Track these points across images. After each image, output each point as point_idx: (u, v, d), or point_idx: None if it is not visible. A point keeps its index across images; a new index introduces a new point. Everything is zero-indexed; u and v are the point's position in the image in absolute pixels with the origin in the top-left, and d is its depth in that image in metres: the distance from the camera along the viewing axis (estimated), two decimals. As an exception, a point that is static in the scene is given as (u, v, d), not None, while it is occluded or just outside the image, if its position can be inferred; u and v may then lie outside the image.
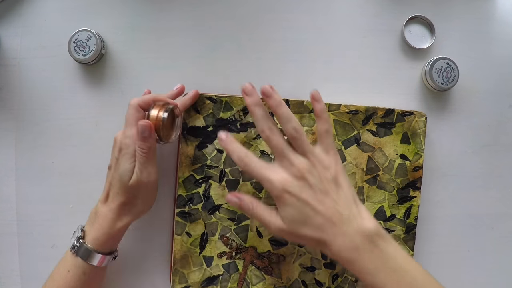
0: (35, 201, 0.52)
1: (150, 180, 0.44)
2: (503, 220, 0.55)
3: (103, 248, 0.44)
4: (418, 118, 0.52)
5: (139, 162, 0.43)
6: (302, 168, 0.41)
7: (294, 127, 0.42)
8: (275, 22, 0.54)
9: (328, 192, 0.41)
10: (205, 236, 0.51)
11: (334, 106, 0.51)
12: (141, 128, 0.43)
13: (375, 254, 0.40)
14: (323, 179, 0.41)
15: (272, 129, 0.42)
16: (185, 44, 0.53)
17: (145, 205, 0.46)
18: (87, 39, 0.50)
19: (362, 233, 0.40)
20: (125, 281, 0.52)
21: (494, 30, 0.55)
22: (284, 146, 0.42)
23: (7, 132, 0.53)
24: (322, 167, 0.41)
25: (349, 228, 0.40)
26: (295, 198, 0.40)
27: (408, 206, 0.52)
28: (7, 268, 0.52)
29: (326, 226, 0.40)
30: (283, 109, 0.42)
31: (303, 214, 0.40)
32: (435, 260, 0.54)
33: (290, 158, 0.41)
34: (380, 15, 0.54)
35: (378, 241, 0.40)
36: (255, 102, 0.42)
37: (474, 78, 0.55)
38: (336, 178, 0.42)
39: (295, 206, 0.40)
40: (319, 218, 0.40)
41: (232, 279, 0.51)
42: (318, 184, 0.41)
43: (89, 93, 0.53)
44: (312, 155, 0.42)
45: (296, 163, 0.41)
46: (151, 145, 0.43)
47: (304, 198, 0.40)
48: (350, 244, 0.40)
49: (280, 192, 0.41)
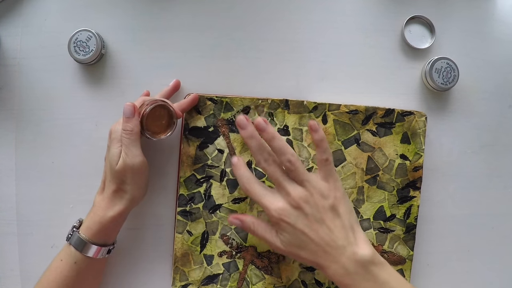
0: (35, 201, 0.52)
1: (135, 163, 0.44)
2: (503, 220, 0.55)
3: (96, 238, 0.45)
4: (418, 118, 0.52)
5: (124, 145, 0.44)
6: (298, 197, 0.42)
7: (288, 160, 0.43)
8: (275, 22, 0.54)
9: (323, 221, 0.42)
10: (205, 235, 0.51)
11: (334, 106, 0.51)
12: (125, 108, 0.44)
13: (369, 281, 0.41)
14: (319, 207, 0.42)
15: (267, 160, 0.44)
16: (185, 44, 0.53)
17: (134, 191, 0.45)
18: (87, 39, 0.50)
19: (356, 261, 0.41)
20: (126, 278, 0.52)
21: (494, 30, 0.55)
22: (280, 176, 0.43)
23: (7, 132, 0.53)
24: (320, 195, 0.43)
25: (343, 256, 0.41)
26: (291, 226, 0.42)
27: (408, 206, 0.52)
28: (7, 268, 0.52)
29: (321, 252, 0.42)
30: (277, 142, 0.43)
31: (299, 240, 0.42)
32: (435, 260, 0.54)
33: (286, 187, 0.43)
34: (380, 15, 0.54)
35: (372, 268, 0.41)
36: (250, 134, 0.44)
37: (474, 78, 0.55)
38: (334, 206, 0.43)
39: (291, 233, 0.42)
40: (314, 245, 0.42)
41: (232, 278, 0.51)
42: (314, 213, 0.42)
43: (89, 93, 0.53)
44: (309, 184, 0.43)
45: (292, 193, 0.43)
46: (134, 127, 0.44)
47: (299, 227, 0.42)
48: (344, 271, 0.41)
49: (277, 220, 0.42)
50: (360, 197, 0.51)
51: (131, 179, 0.44)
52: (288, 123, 0.51)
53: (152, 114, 0.45)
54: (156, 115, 0.46)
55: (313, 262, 0.42)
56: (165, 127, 0.47)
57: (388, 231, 0.51)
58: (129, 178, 0.44)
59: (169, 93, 0.51)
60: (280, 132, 0.51)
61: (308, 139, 0.51)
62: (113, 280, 0.52)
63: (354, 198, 0.51)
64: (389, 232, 0.51)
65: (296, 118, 0.51)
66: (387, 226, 0.51)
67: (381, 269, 0.42)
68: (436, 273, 0.54)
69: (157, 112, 0.46)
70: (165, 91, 0.51)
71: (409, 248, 0.51)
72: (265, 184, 0.45)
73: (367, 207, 0.51)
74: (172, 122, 0.47)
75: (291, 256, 0.44)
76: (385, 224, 0.51)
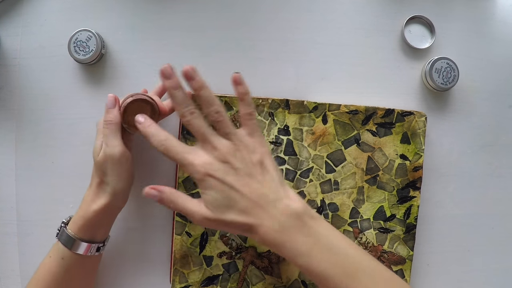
0: (35, 201, 0.52)
1: (114, 153, 0.43)
2: (503, 220, 0.55)
3: (81, 233, 0.44)
4: (418, 118, 0.52)
5: (104, 135, 0.44)
6: (226, 151, 0.40)
7: (216, 110, 0.40)
8: (275, 22, 0.54)
9: (253, 175, 0.40)
10: (205, 236, 0.51)
11: (334, 106, 0.51)
12: (107, 99, 0.44)
13: (306, 234, 0.38)
14: (248, 162, 0.40)
15: (193, 113, 0.40)
16: (185, 44, 0.53)
17: (116, 183, 0.44)
18: (87, 39, 0.50)
19: (291, 214, 0.39)
20: (125, 280, 0.52)
21: (494, 30, 0.55)
22: (206, 129, 0.40)
23: (7, 132, 0.53)
24: (247, 150, 0.40)
25: (276, 210, 0.39)
26: (219, 182, 0.39)
27: (408, 206, 0.52)
28: (7, 268, 0.52)
29: (253, 209, 0.39)
30: (205, 91, 0.41)
31: (227, 198, 0.39)
32: (435, 260, 0.54)
33: (212, 141, 0.40)
34: (380, 15, 0.54)
35: (307, 220, 0.39)
36: (175, 85, 0.40)
37: (474, 78, 0.55)
38: (262, 161, 0.41)
39: (219, 190, 0.39)
40: (245, 201, 0.39)
41: (232, 278, 0.51)
42: (243, 167, 0.39)
43: (89, 93, 0.53)
44: (236, 138, 0.40)
45: (219, 146, 0.40)
46: (114, 117, 0.44)
47: (229, 181, 0.39)
48: (278, 226, 0.38)
49: (203, 176, 0.39)
50: (360, 197, 0.51)
51: (111, 170, 0.43)
52: (289, 123, 0.51)
53: (133, 107, 0.44)
54: (138, 109, 0.44)
55: (243, 224, 0.39)
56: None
57: (388, 231, 0.51)
58: (109, 169, 0.43)
59: (162, 90, 0.51)
60: (280, 132, 0.51)
61: (309, 139, 0.51)
62: (112, 282, 0.52)
63: (354, 198, 0.51)
64: (389, 232, 0.51)
65: (296, 118, 0.51)
66: (387, 226, 0.51)
67: (317, 222, 0.39)
68: (436, 273, 0.54)
69: (140, 107, 0.44)
70: (157, 87, 0.51)
71: (409, 248, 0.51)
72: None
73: (367, 207, 0.51)
74: (154, 118, 0.45)
75: (218, 226, 0.40)
76: (385, 224, 0.51)
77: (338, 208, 0.51)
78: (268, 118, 0.51)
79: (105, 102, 0.45)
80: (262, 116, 0.51)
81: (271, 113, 0.51)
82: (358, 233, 0.51)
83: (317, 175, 0.51)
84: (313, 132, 0.51)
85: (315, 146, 0.51)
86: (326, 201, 0.51)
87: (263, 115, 0.51)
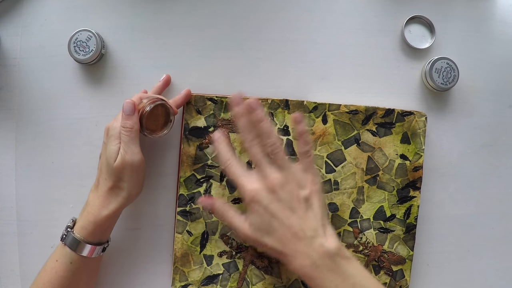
0: (35, 201, 0.52)
1: (134, 160, 0.44)
2: (503, 220, 0.55)
3: (91, 237, 0.44)
4: (418, 118, 0.52)
5: (123, 142, 0.44)
6: (275, 182, 0.42)
7: (273, 143, 0.43)
8: (275, 22, 0.54)
9: (296, 209, 0.42)
10: (205, 235, 0.51)
11: (334, 106, 0.51)
12: (125, 106, 0.44)
13: (335, 273, 0.40)
14: (294, 196, 0.42)
15: (253, 140, 0.43)
16: (185, 44, 0.53)
17: (131, 189, 0.45)
18: (87, 39, 0.50)
19: (323, 252, 0.41)
20: (125, 278, 0.52)
21: (494, 30, 0.55)
22: (261, 158, 0.43)
23: (7, 132, 0.53)
24: (296, 184, 0.43)
25: (310, 248, 0.41)
26: (263, 209, 0.42)
27: (408, 206, 0.52)
28: (7, 268, 0.52)
29: (288, 240, 0.41)
30: (265, 124, 0.43)
31: (268, 225, 0.42)
32: (435, 260, 0.54)
33: (265, 170, 0.43)
34: (380, 15, 0.54)
35: (338, 260, 0.41)
36: (242, 113, 0.44)
37: (474, 78, 0.55)
38: (308, 198, 0.43)
39: (262, 216, 0.42)
40: (282, 232, 0.41)
41: (232, 278, 0.51)
42: (287, 200, 0.42)
43: (89, 93, 0.53)
44: (288, 171, 0.43)
45: (270, 176, 0.42)
46: (134, 124, 0.44)
47: (271, 210, 0.42)
48: (310, 262, 0.40)
49: (250, 201, 0.42)
50: (360, 197, 0.51)
51: (129, 176, 0.44)
52: (288, 123, 0.51)
53: (151, 113, 0.45)
54: (155, 114, 0.46)
55: (279, 251, 0.42)
56: (162, 125, 0.47)
57: (388, 231, 0.51)
58: (127, 175, 0.44)
59: (161, 88, 0.51)
60: (280, 132, 0.51)
61: (308, 139, 0.51)
62: (113, 280, 0.52)
63: (354, 198, 0.51)
64: (389, 232, 0.51)
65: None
66: (387, 226, 0.51)
67: (348, 262, 0.41)
68: (436, 273, 0.54)
69: (156, 111, 0.46)
70: (156, 87, 0.51)
71: (409, 248, 0.51)
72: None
73: (367, 207, 0.51)
74: (168, 119, 0.47)
75: (256, 245, 0.44)
76: (385, 224, 0.51)
77: (338, 208, 0.51)
78: (268, 118, 0.51)
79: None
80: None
81: (271, 113, 0.51)
82: (358, 233, 0.51)
83: (317, 175, 0.51)
84: (313, 132, 0.51)
85: (315, 146, 0.51)
86: (326, 201, 0.51)
87: (263, 115, 0.51)
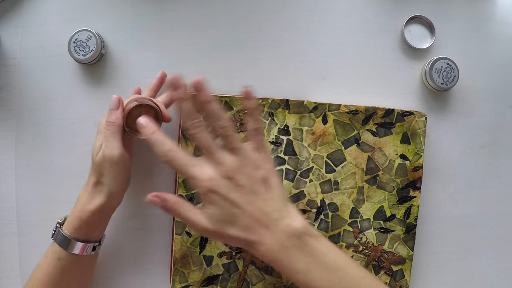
0: (35, 201, 0.52)
1: (114, 155, 0.43)
2: (503, 220, 0.55)
3: (77, 233, 0.44)
4: (418, 118, 0.52)
5: (104, 136, 0.44)
6: (231, 167, 0.39)
7: (222, 125, 0.40)
8: (275, 22, 0.54)
9: (257, 192, 0.39)
10: (205, 236, 0.51)
11: (334, 106, 0.51)
12: (111, 101, 0.44)
13: (305, 252, 0.38)
14: (252, 179, 0.39)
15: (199, 126, 0.40)
16: (185, 44, 0.53)
17: (112, 184, 0.44)
18: (87, 39, 0.50)
19: (291, 232, 0.39)
20: (125, 280, 0.52)
21: (494, 30, 0.55)
22: (211, 143, 0.40)
23: (7, 132, 0.53)
24: (252, 166, 0.40)
25: (277, 229, 0.39)
26: (222, 198, 0.38)
27: (408, 206, 0.52)
28: (7, 268, 0.52)
29: (254, 227, 0.39)
30: (212, 105, 0.40)
31: (230, 215, 0.39)
32: (435, 260, 0.54)
33: (218, 156, 0.39)
34: (380, 15, 0.54)
35: (307, 239, 0.39)
36: (182, 96, 0.40)
37: (474, 78, 0.55)
38: (266, 178, 0.40)
39: (222, 206, 0.39)
40: (247, 219, 0.39)
41: (232, 278, 0.51)
42: (247, 184, 0.39)
43: (89, 93, 0.53)
44: (241, 153, 0.40)
45: (225, 162, 0.39)
46: (116, 119, 0.44)
47: (232, 198, 0.39)
48: (279, 245, 0.38)
49: (206, 192, 0.39)
50: (360, 197, 0.51)
51: (108, 171, 0.43)
52: (289, 123, 0.51)
53: (136, 112, 0.44)
54: (141, 114, 0.44)
55: (244, 239, 0.39)
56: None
57: (388, 231, 0.51)
58: (106, 170, 0.43)
59: (157, 86, 0.51)
60: (280, 132, 0.51)
61: (308, 139, 0.51)
62: (112, 281, 0.52)
63: (354, 198, 0.51)
64: (389, 232, 0.51)
65: (296, 118, 0.51)
66: (387, 226, 0.51)
67: (317, 240, 0.39)
68: (436, 273, 0.54)
69: (143, 111, 0.44)
70: (153, 84, 0.51)
71: (409, 248, 0.51)
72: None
73: (367, 207, 0.51)
74: (157, 123, 0.44)
75: (218, 238, 0.40)
76: (385, 224, 0.51)
77: (338, 208, 0.51)
78: (268, 118, 0.51)
79: (108, 103, 0.45)
80: (262, 116, 0.51)
81: (271, 113, 0.51)
82: (358, 233, 0.51)
83: (317, 175, 0.51)
84: (313, 132, 0.51)
85: (315, 146, 0.51)
86: (326, 201, 0.51)
87: (263, 115, 0.51)
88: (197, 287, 0.50)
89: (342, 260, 0.39)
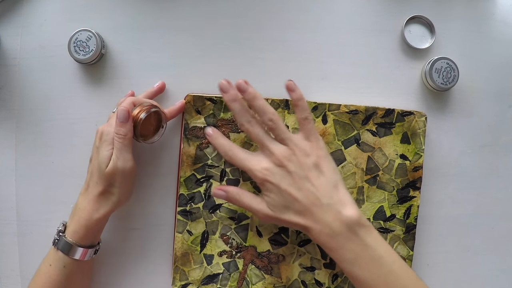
0: (35, 201, 0.52)
1: (126, 167, 0.44)
2: (503, 220, 0.55)
3: (83, 241, 0.45)
4: (418, 118, 0.52)
5: (116, 148, 0.44)
6: (282, 155, 0.43)
7: (270, 118, 0.44)
8: (275, 22, 0.54)
9: (307, 178, 0.42)
10: (205, 234, 0.51)
11: (334, 106, 0.51)
12: (120, 113, 0.44)
13: (354, 243, 0.40)
14: (303, 165, 0.42)
15: (250, 121, 0.44)
16: (185, 44, 0.53)
17: (121, 194, 0.45)
18: (87, 39, 0.50)
19: (341, 221, 0.41)
20: (126, 278, 0.52)
21: (494, 30, 0.55)
22: (263, 136, 0.44)
23: (7, 132, 0.53)
24: (302, 153, 0.43)
25: (328, 215, 0.41)
26: (276, 186, 0.42)
27: (408, 206, 0.52)
28: (7, 268, 0.52)
29: (306, 212, 0.42)
30: (258, 101, 0.44)
31: (284, 201, 0.42)
32: (435, 260, 0.54)
33: (270, 147, 0.43)
34: (380, 15, 0.54)
35: (357, 230, 0.41)
36: (232, 97, 0.44)
37: (474, 78, 0.55)
38: (318, 164, 0.43)
39: (276, 193, 0.42)
40: (299, 204, 0.42)
41: (232, 277, 0.51)
42: (297, 171, 0.42)
43: (89, 93, 0.53)
44: (291, 143, 0.43)
45: (276, 152, 0.43)
46: (127, 131, 0.44)
47: (284, 186, 0.42)
48: (329, 232, 0.41)
49: (262, 181, 0.43)
50: (360, 197, 0.51)
51: (120, 182, 0.44)
52: (288, 123, 0.51)
53: (144, 120, 0.45)
54: (147, 120, 0.46)
55: (299, 224, 0.42)
56: (153, 131, 0.47)
57: (388, 231, 0.51)
58: (118, 181, 0.44)
59: (153, 94, 0.51)
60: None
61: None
62: (113, 280, 0.52)
63: (354, 198, 0.51)
64: (389, 232, 0.51)
65: (296, 118, 0.51)
66: (387, 226, 0.51)
67: (367, 232, 0.41)
68: (436, 273, 0.54)
69: (149, 117, 0.46)
70: (149, 91, 0.51)
71: (409, 248, 0.51)
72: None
73: (367, 207, 0.51)
74: (160, 125, 0.47)
75: (278, 222, 0.44)
76: (385, 224, 0.51)
77: (338, 208, 0.51)
78: None
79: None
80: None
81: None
82: (358, 233, 0.51)
83: (317, 175, 0.51)
84: (313, 132, 0.51)
85: (315, 146, 0.51)
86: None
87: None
88: (197, 285, 0.51)
89: (389, 256, 0.41)
